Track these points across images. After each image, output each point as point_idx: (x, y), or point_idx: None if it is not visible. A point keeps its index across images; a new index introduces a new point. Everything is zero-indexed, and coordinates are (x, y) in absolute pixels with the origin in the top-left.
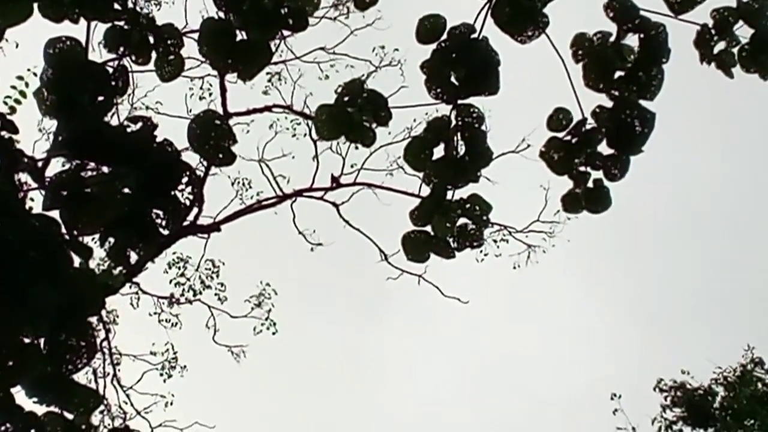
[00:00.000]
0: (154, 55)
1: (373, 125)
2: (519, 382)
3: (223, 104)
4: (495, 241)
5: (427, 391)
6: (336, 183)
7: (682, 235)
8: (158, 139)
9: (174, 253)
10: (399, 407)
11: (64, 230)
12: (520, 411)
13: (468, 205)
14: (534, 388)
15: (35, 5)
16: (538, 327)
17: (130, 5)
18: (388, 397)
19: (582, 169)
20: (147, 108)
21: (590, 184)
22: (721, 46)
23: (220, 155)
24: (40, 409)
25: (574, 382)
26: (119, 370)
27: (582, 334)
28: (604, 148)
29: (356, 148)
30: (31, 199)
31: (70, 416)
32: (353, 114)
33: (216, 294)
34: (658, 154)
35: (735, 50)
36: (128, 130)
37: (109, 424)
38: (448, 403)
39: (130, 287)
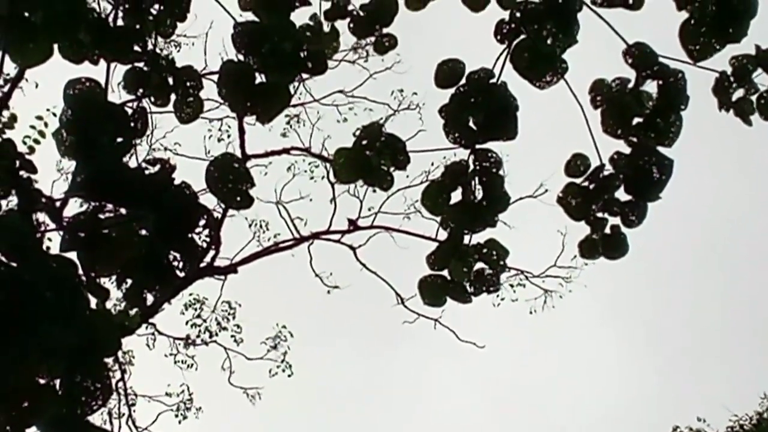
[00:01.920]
0: (173, 96)
1: (391, 169)
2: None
3: (242, 146)
4: (512, 286)
5: (447, 422)
6: (353, 226)
7: (701, 275)
8: (176, 182)
9: (191, 294)
10: None
11: (81, 271)
12: None
13: (485, 250)
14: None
15: (55, 46)
16: (555, 361)
17: (150, 47)
18: None
19: (599, 215)
20: (165, 149)
21: (607, 230)
22: (739, 93)
23: (238, 198)
24: None
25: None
26: (134, 411)
27: (598, 376)
28: (621, 195)
29: (374, 191)
30: (49, 239)
31: None
32: (371, 157)
33: (232, 335)
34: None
35: (754, 98)
36: (146, 172)
37: None
38: None
39: (147, 328)
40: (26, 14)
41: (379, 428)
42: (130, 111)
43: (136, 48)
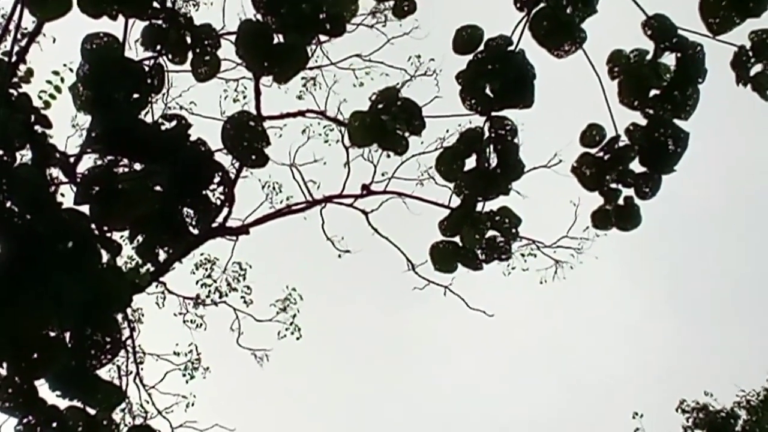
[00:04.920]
0: (190, 54)
1: (406, 134)
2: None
3: (257, 107)
4: (523, 255)
5: (457, 384)
6: (366, 191)
7: (716, 249)
8: (192, 138)
9: (201, 254)
10: (431, 405)
11: (93, 226)
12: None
13: (497, 218)
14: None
15: (74, 0)
16: (569, 327)
17: (169, 4)
18: (416, 402)
19: (613, 186)
20: (181, 108)
21: (621, 202)
22: (758, 68)
23: (253, 156)
24: (63, 403)
25: (594, 394)
26: (142, 369)
27: (610, 342)
28: (636, 166)
29: (388, 156)
30: (62, 194)
31: (92, 411)
32: (387, 122)
33: (242, 297)
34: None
35: None
36: (162, 127)
37: (130, 423)
38: (482, 393)
39: (157, 286)
40: None
41: (385, 392)
42: (147, 67)
43: (155, 4)
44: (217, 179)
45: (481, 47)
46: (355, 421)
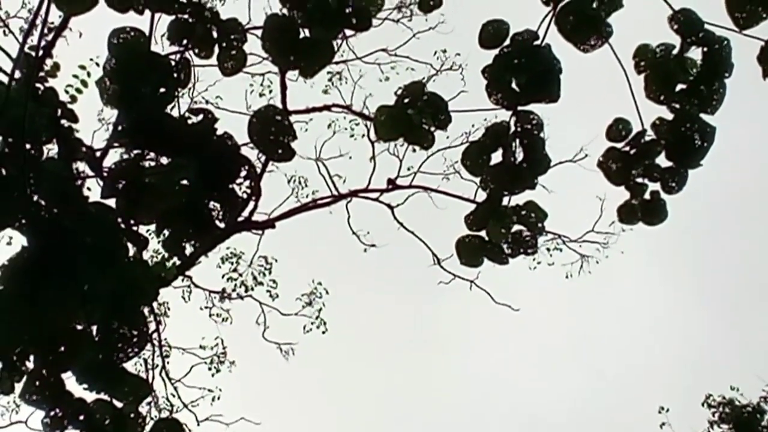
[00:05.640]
0: (216, 49)
1: (432, 128)
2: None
3: (283, 101)
4: (548, 250)
5: (488, 375)
6: (392, 185)
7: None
8: (218, 132)
9: (227, 248)
10: (458, 398)
11: (120, 220)
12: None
13: (524, 212)
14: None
15: None
16: (596, 319)
17: None
18: (442, 396)
19: (639, 180)
20: (207, 102)
21: (647, 196)
22: None
23: (280, 150)
24: (90, 396)
25: (620, 387)
26: (168, 363)
27: (639, 334)
28: (662, 161)
29: (414, 150)
30: (88, 188)
31: (119, 404)
32: (413, 116)
33: (268, 291)
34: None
35: None
36: (189, 122)
37: (156, 416)
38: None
39: (183, 280)
40: None
41: (411, 386)
42: (173, 62)
43: None
44: (243, 173)
45: (507, 42)
46: (380, 415)
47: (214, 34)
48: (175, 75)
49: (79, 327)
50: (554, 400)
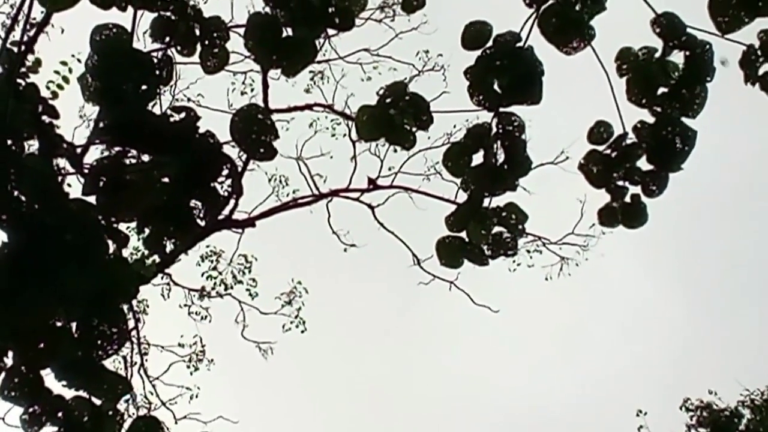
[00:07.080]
0: (199, 47)
1: (414, 128)
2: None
3: (265, 100)
4: (528, 252)
5: (469, 375)
6: (373, 185)
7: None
8: (200, 130)
9: (207, 246)
10: (438, 398)
11: (100, 217)
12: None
13: (504, 214)
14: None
15: None
16: (579, 316)
17: None
18: (422, 395)
19: (620, 183)
20: (189, 100)
21: (627, 199)
22: (766, 67)
23: (261, 149)
24: (69, 393)
25: (599, 389)
26: (147, 360)
27: (620, 334)
28: (643, 164)
29: (395, 150)
30: (69, 185)
31: (97, 401)
32: (394, 116)
33: (247, 289)
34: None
35: None
36: (171, 119)
37: (134, 413)
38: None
39: (162, 278)
40: None
41: (390, 385)
42: (155, 59)
43: None
44: (224, 171)
45: (490, 43)
46: (359, 414)
47: (197, 32)
48: (158, 72)
49: (59, 324)
50: (534, 399)
